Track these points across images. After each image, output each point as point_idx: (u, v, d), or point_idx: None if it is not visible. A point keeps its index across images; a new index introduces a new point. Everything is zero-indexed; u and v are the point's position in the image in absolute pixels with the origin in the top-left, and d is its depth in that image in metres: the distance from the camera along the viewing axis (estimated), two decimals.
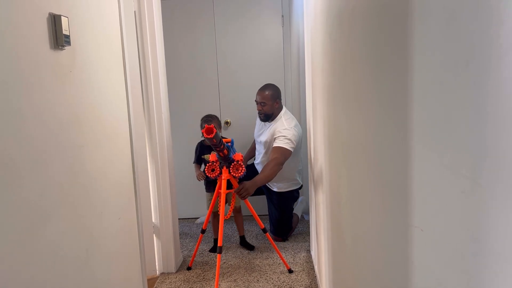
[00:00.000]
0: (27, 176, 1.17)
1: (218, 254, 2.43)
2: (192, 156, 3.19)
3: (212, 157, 2.50)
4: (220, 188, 2.54)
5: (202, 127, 3.02)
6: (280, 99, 3.10)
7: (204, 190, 3.23)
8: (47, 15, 1.28)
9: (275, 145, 2.87)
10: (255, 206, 3.06)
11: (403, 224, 0.79)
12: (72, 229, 1.42)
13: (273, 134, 2.98)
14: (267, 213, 3.49)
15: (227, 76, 3.73)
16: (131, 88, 2.03)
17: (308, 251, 3.02)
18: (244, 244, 3.17)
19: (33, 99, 1.21)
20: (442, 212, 0.62)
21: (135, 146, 2.04)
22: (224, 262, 2.89)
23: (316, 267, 2.60)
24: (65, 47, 1.37)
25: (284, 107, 3.15)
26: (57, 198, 1.32)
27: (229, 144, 2.54)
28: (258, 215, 2.63)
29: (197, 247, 2.80)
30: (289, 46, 3.68)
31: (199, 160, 3.12)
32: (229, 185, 2.68)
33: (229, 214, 2.63)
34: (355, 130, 1.20)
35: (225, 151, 2.38)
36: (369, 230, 1.07)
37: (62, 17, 1.33)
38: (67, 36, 1.35)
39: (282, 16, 3.64)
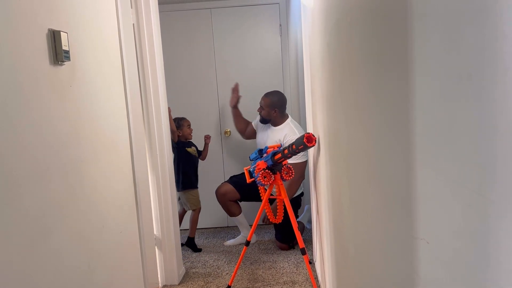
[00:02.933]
0: (28, 191, 1.16)
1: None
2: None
3: (261, 164, 2.46)
4: (269, 195, 2.54)
5: (183, 124, 3.36)
6: (281, 109, 3.17)
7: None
8: (46, 31, 1.29)
9: (290, 161, 2.93)
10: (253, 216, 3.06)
11: (407, 235, 0.78)
12: (74, 243, 1.41)
13: (280, 139, 3.10)
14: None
15: (227, 86, 3.73)
16: (131, 100, 2.03)
17: (311, 261, 3.00)
18: (191, 245, 3.39)
19: (33, 114, 1.21)
20: (448, 224, 0.61)
21: (136, 158, 2.04)
22: (227, 273, 2.87)
23: (319, 277, 2.58)
24: (65, 63, 1.38)
25: (290, 117, 3.23)
26: (58, 213, 1.31)
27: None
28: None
29: (239, 262, 2.61)
30: (287, 55, 3.69)
31: (184, 154, 3.35)
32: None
33: (279, 219, 2.69)
34: (355, 139, 1.19)
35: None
36: (372, 241, 1.06)
37: (61, 32, 1.33)
38: (67, 52, 1.36)
39: (280, 25, 3.66)
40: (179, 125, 3.37)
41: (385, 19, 0.85)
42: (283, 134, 3.10)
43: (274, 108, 3.14)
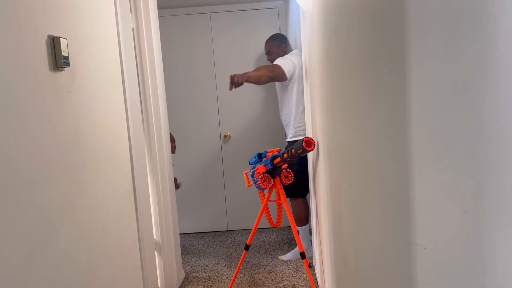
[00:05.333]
0: (27, 197, 1.17)
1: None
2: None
3: (261, 168, 2.46)
4: (268, 199, 2.53)
5: None
6: (286, 44, 3.17)
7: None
8: (46, 37, 1.29)
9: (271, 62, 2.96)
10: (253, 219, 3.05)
11: (405, 241, 0.78)
12: (74, 249, 1.41)
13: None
14: (269, 226, 3.46)
15: (226, 90, 3.74)
16: (130, 105, 2.04)
17: (311, 265, 3.00)
18: None
19: (33, 121, 1.21)
20: (445, 231, 0.61)
21: (135, 163, 2.04)
22: (227, 278, 2.87)
23: (319, 281, 2.58)
24: (65, 68, 1.38)
25: (295, 49, 3.13)
26: (57, 219, 1.32)
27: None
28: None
29: (239, 266, 2.59)
30: None
31: None
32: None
33: (278, 223, 2.67)
34: (354, 145, 1.20)
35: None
36: (371, 246, 1.06)
37: (61, 38, 1.34)
38: (66, 58, 1.36)
39: (279, 29, 3.67)
40: None
41: (384, 26, 0.85)
42: None
43: (281, 44, 3.13)
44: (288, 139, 3.10)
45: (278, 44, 3.15)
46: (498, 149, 0.45)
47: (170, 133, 3.23)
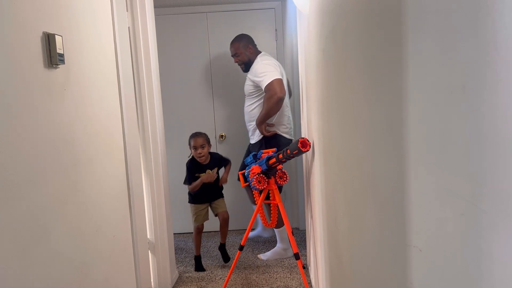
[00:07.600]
0: (20, 195, 1.15)
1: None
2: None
3: (256, 168, 2.45)
4: (263, 199, 2.52)
5: (190, 143, 3.08)
6: (253, 45, 3.10)
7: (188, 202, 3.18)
8: (41, 34, 1.28)
9: (262, 87, 2.82)
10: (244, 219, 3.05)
11: (401, 243, 0.78)
12: (67, 247, 1.40)
13: (252, 78, 2.93)
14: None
15: (222, 90, 3.74)
16: (125, 104, 2.03)
17: (305, 266, 3.00)
18: (222, 251, 3.14)
19: (26, 118, 1.20)
20: (441, 232, 0.61)
21: (130, 161, 2.03)
22: (221, 278, 2.86)
23: (313, 282, 2.58)
24: (59, 66, 1.37)
25: (262, 52, 3.10)
26: (51, 217, 1.30)
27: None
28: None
29: (233, 267, 2.57)
30: (283, 60, 3.70)
31: (193, 179, 3.08)
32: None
33: (273, 223, 2.66)
34: (350, 146, 1.20)
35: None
36: (366, 247, 1.06)
37: (56, 36, 1.32)
38: (61, 55, 1.35)
39: (276, 30, 3.67)
40: (189, 143, 3.09)
41: (381, 26, 0.85)
42: (253, 71, 2.93)
43: (248, 45, 3.06)
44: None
45: (245, 45, 3.08)
46: (496, 150, 0.45)
47: (206, 135, 3.08)
